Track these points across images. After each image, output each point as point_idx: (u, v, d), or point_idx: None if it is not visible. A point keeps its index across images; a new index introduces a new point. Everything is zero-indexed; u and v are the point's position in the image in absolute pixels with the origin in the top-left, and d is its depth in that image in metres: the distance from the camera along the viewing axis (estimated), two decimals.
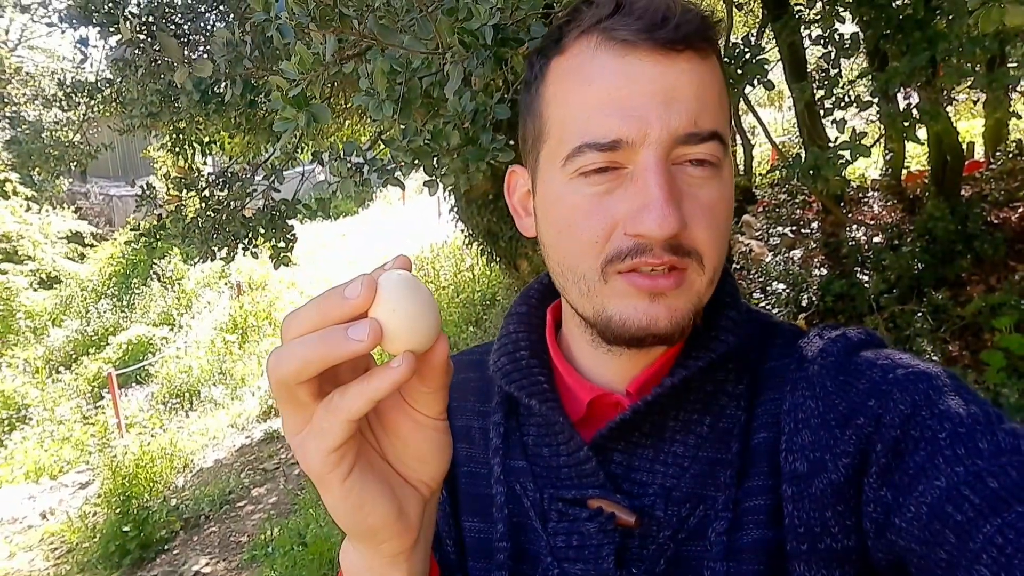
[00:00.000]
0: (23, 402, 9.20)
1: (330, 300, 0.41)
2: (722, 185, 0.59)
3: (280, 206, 2.84)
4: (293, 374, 0.41)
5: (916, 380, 0.55)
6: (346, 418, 0.41)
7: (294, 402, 0.43)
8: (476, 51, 1.34)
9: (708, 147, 0.57)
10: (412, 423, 0.47)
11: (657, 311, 0.57)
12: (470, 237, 6.58)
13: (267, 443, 7.49)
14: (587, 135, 0.57)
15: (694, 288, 0.59)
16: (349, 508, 0.45)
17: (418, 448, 0.48)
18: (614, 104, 0.56)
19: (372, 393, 0.41)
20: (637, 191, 0.56)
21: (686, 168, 0.58)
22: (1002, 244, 4.66)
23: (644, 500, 0.62)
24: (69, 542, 5.97)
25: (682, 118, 0.56)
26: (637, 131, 0.56)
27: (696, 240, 0.57)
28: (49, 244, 14.26)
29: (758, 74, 2.89)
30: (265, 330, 10.70)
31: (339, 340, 0.39)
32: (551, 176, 0.61)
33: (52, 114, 5.73)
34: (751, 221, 6.81)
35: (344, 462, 0.44)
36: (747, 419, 0.63)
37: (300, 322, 0.41)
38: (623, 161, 0.57)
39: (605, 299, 0.59)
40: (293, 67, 1.31)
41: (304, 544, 4.79)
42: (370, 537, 0.47)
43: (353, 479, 0.44)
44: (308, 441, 0.43)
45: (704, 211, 0.58)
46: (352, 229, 16.52)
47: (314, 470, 0.44)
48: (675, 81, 0.57)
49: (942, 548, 0.46)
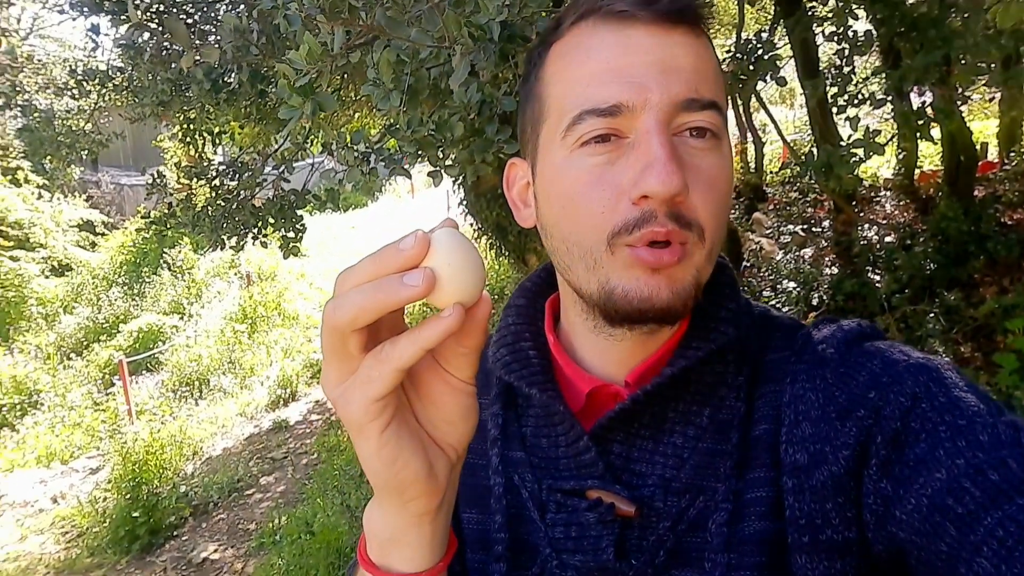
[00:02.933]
0: (35, 388, 9.28)
1: (386, 252, 0.43)
2: (722, 158, 0.59)
3: (290, 196, 2.85)
4: (349, 320, 0.42)
5: (916, 372, 0.56)
6: (396, 367, 0.43)
7: (343, 352, 0.44)
8: (483, 45, 1.34)
9: (708, 115, 0.58)
10: (444, 385, 0.48)
11: (659, 282, 0.57)
12: (479, 231, 6.59)
13: (275, 432, 7.53)
14: (587, 102, 0.58)
15: (694, 261, 0.58)
16: (384, 459, 0.46)
17: (448, 411, 0.49)
18: (613, 72, 0.57)
19: (424, 342, 0.42)
20: (640, 155, 0.56)
21: (686, 138, 0.58)
22: (1016, 245, 4.62)
23: (643, 491, 0.62)
24: (79, 526, 6.03)
25: (681, 85, 0.57)
26: (637, 96, 0.56)
27: (697, 211, 0.57)
28: (60, 232, 14.36)
29: (771, 70, 2.88)
30: (274, 320, 10.75)
31: (396, 286, 0.41)
32: (552, 153, 0.61)
33: (64, 102, 5.76)
34: (762, 219, 6.77)
35: (385, 413, 0.45)
36: (747, 410, 0.62)
37: (356, 274, 0.43)
38: (624, 129, 0.57)
39: (610, 271, 0.59)
40: (301, 57, 1.32)
41: (312, 533, 4.83)
42: (399, 493, 0.48)
43: (390, 431, 0.45)
44: (352, 390, 0.44)
45: (705, 181, 0.58)
46: (361, 221, 16.57)
47: (355, 419, 0.45)
48: (673, 51, 0.57)
49: (942, 540, 0.46)
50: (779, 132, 5.13)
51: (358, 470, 5.43)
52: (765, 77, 2.89)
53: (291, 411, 8.11)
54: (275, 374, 8.81)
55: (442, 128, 1.38)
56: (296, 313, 11.15)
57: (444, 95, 1.57)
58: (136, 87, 2.73)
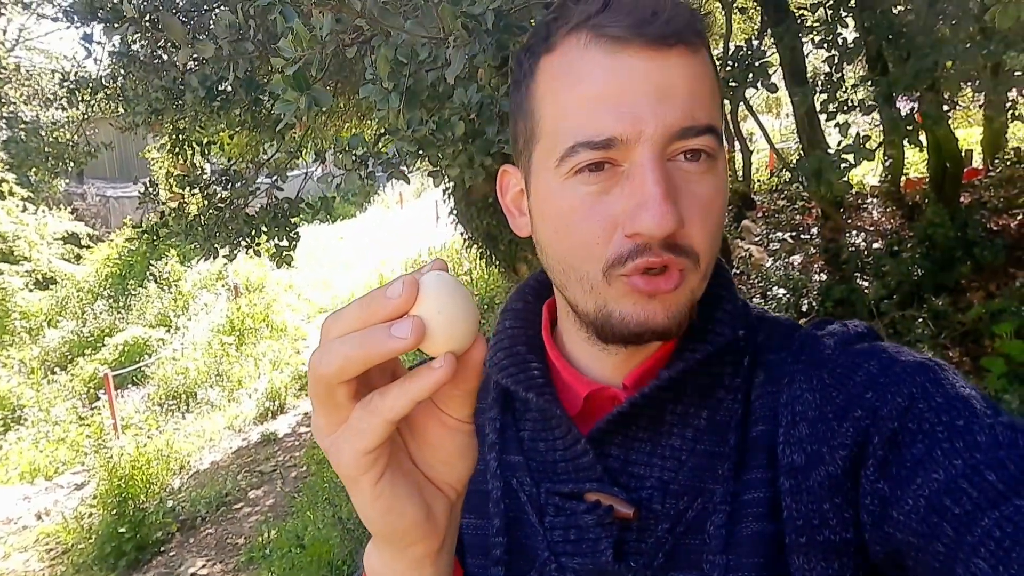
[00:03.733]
0: (18, 402, 9.16)
1: (373, 300, 0.41)
2: (717, 179, 0.59)
3: (283, 204, 2.83)
4: (335, 372, 0.40)
5: (914, 373, 0.55)
6: (386, 419, 0.41)
7: (331, 402, 0.42)
8: (479, 36, 1.34)
9: (703, 139, 0.57)
10: (441, 426, 0.47)
11: (655, 307, 0.57)
12: (469, 240, 6.58)
13: (264, 445, 7.47)
14: (580, 135, 0.56)
15: (689, 285, 0.58)
16: (379, 510, 0.45)
17: (446, 451, 0.48)
18: (607, 102, 0.56)
19: (414, 393, 0.40)
20: (634, 189, 0.55)
21: (680, 163, 0.57)
22: (1002, 251, 4.68)
23: (642, 493, 0.62)
24: (65, 543, 5.94)
25: (676, 113, 0.56)
26: (631, 128, 0.55)
27: (693, 239, 0.57)
28: (45, 245, 14.23)
29: (762, 77, 2.90)
30: (262, 332, 10.68)
31: (382, 338, 0.39)
32: (545, 177, 0.61)
33: (49, 114, 5.72)
34: (750, 226, 6.82)
35: (377, 464, 0.43)
36: (744, 412, 0.62)
37: (343, 321, 0.41)
38: (618, 159, 0.56)
39: (607, 298, 0.59)
40: (290, 44, 1.30)
41: (302, 546, 4.77)
42: (397, 540, 0.47)
43: (384, 482, 0.44)
44: (342, 442, 0.42)
45: (700, 207, 0.57)
46: (350, 232, 16.53)
47: (347, 471, 0.43)
48: (668, 77, 0.56)
49: (940, 541, 0.46)
50: (768, 139, 5.17)
51: None
52: (756, 84, 2.91)
53: (279, 424, 8.05)
54: (263, 386, 8.75)
55: (443, 127, 1.38)
56: (284, 325, 11.09)
57: (443, 97, 1.57)
58: (129, 96, 2.70)
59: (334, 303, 12.63)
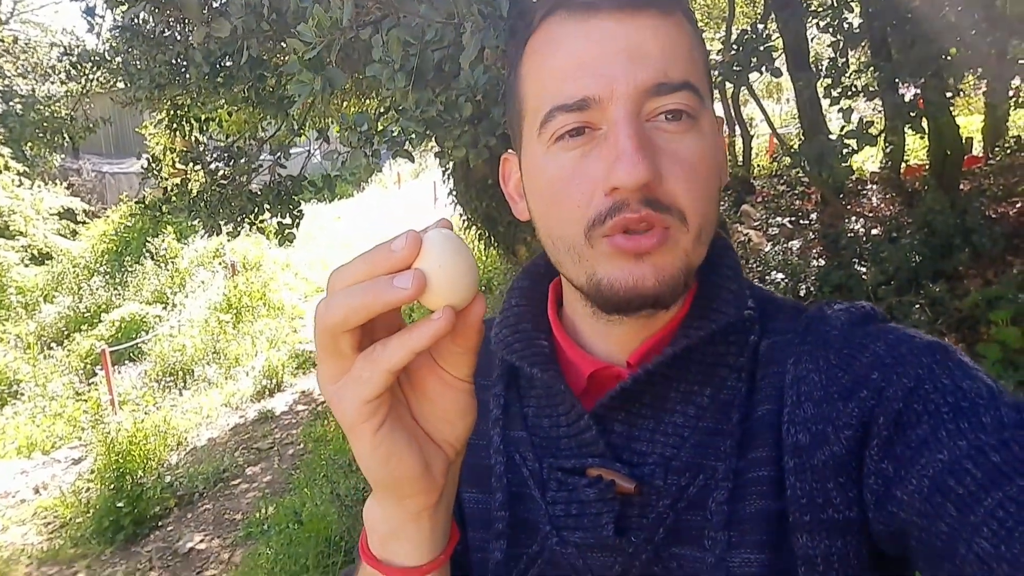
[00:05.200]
0: (15, 377, 9.16)
1: (377, 253, 0.42)
2: (701, 138, 0.59)
3: (286, 182, 2.81)
4: (340, 322, 0.42)
5: (920, 353, 0.56)
6: (386, 368, 0.42)
7: (335, 351, 0.43)
8: (493, 22, 1.34)
9: (681, 96, 0.57)
10: (441, 383, 0.48)
11: (643, 270, 0.57)
12: (468, 221, 6.56)
13: (261, 423, 7.49)
14: (556, 99, 0.58)
15: (680, 245, 0.58)
16: (378, 459, 0.46)
17: (445, 409, 0.49)
18: (580, 66, 0.57)
19: (413, 344, 0.42)
20: (609, 147, 0.56)
21: (660, 123, 0.57)
22: (1000, 238, 4.69)
23: (644, 469, 0.62)
24: (62, 517, 5.97)
25: (648, 71, 0.56)
26: (603, 87, 0.56)
27: (675, 195, 0.57)
28: (41, 220, 14.16)
29: (766, 62, 2.89)
30: (259, 310, 10.67)
31: (385, 288, 0.40)
32: (532, 149, 0.62)
33: (45, 88, 5.66)
34: (750, 211, 6.82)
35: (378, 413, 0.44)
36: (748, 391, 0.63)
37: (347, 274, 0.43)
38: (596, 121, 0.57)
39: (594, 263, 0.59)
40: (310, 29, 1.30)
41: (300, 522, 4.80)
42: (395, 490, 0.48)
43: (384, 431, 0.45)
44: (345, 390, 0.44)
45: (682, 165, 0.57)
46: (347, 212, 16.47)
47: (348, 419, 0.44)
48: (639, 36, 0.57)
49: (943, 521, 0.47)
50: (769, 124, 5.16)
51: (347, 459, 5.41)
52: (761, 69, 2.90)
53: (277, 401, 8.07)
54: (260, 364, 8.75)
55: (450, 109, 1.37)
56: (281, 303, 11.08)
57: (449, 77, 1.56)
58: (132, 71, 2.68)
59: None
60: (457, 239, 0.43)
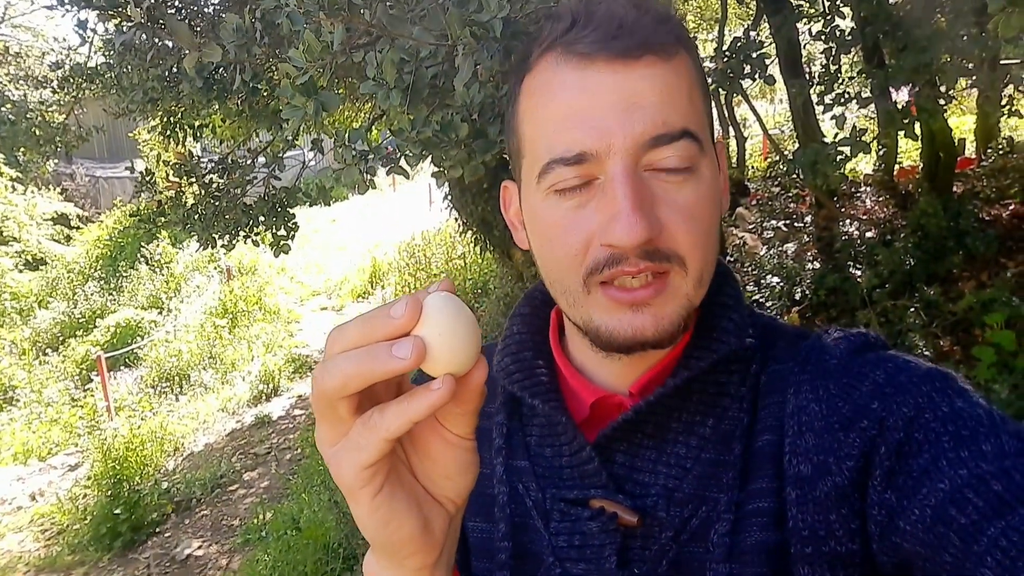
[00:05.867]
0: (10, 383, 9.13)
1: (376, 318, 0.42)
2: (700, 185, 0.59)
3: (280, 194, 2.81)
4: (337, 388, 0.41)
5: (919, 382, 0.56)
6: (383, 437, 0.42)
7: (333, 416, 0.43)
8: (486, 43, 1.34)
9: (679, 147, 0.57)
10: (442, 442, 0.48)
11: (643, 321, 0.58)
12: (464, 225, 6.55)
13: (258, 428, 7.48)
14: (554, 151, 0.58)
15: (680, 292, 0.58)
16: (377, 522, 0.46)
17: (446, 466, 0.48)
18: (576, 118, 0.57)
19: (411, 414, 0.41)
20: (607, 202, 0.56)
21: (660, 175, 0.57)
22: (993, 241, 4.70)
23: (646, 501, 0.62)
24: (59, 524, 5.95)
25: (646, 123, 0.56)
26: (600, 142, 0.56)
27: (676, 243, 0.57)
28: (35, 225, 14.11)
29: (759, 68, 2.89)
30: (255, 315, 10.64)
31: (383, 357, 0.40)
32: (530, 193, 0.62)
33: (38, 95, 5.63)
34: (744, 214, 6.83)
35: (376, 478, 0.44)
36: (750, 421, 0.62)
37: (346, 338, 0.42)
38: (594, 172, 0.57)
39: (591, 311, 0.59)
40: (301, 55, 1.31)
41: (298, 528, 4.80)
42: (395, 551, 0.48)
43: (383, 495, 0.45)
44: (343, 455, 0.44)
45: (682, 214, 0.57)
46: (342, 215, 16.45)
47: (346, 484, 0.44)
48: (635, 87, 0.56)
49: (946, 551, 0.47)
50: (763, 127, 5.17)
51: None
52: (754, 76, 2.91)
53: (273, 406, 8.05)
54: (257, 369, 8.74)
55: (447, 128, 1.38)
56: (277, 307, 11.06)
57: (444, 94, 1.57)
58: (124, 84, 2.67)
59: (327, 285, 12.60)
60: (458, 303, 0.43)
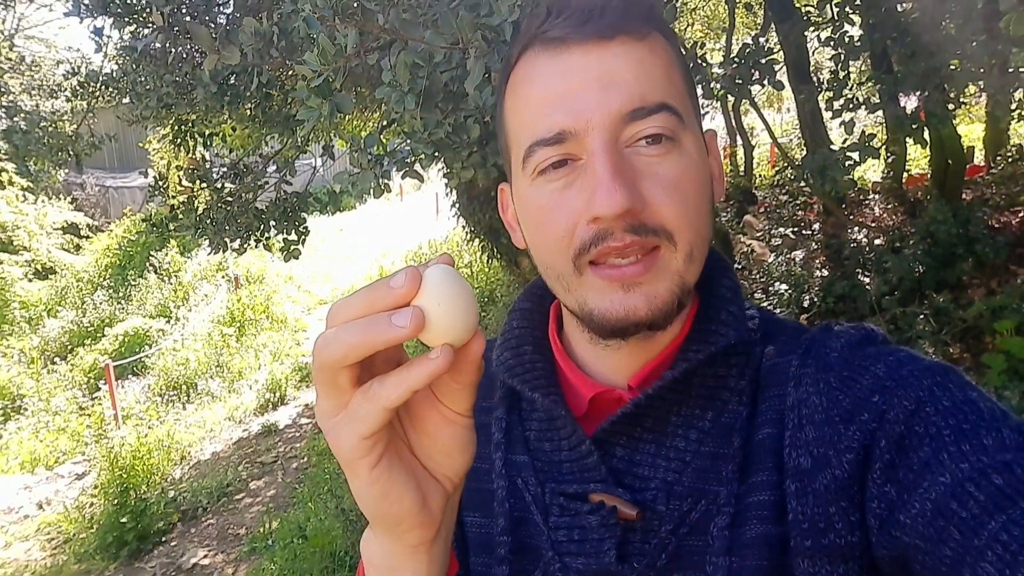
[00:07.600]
0: (18, 392, 9.17)
1: (376, 290, 0.42)
2: (684, 158, 0.59)
3: (292, 199, 2.83)
4: (338, 358, 0.42)
5: (920, 376, 0.55)
6: (383, 406, 0.42)
7: (334, 387, 0.44)
8: (497, 46, 1.35)
9: (659, 119, 0.58)
10: (440, 418, 0.48)
11: (634, 300, 0.58)
12: (471, 233, 6.58)
13: (264, 436, 7.49)
14: (535, 134, 0.59)
15: (671, 268, 0.58)
16: (375, 495, 0.46)
17: (444, 443, 0.49)
18: (554, 100, 0.58)
19: (410, 382, 0.42)
20: (588, 178, 0.57)
21: (640, 148, 0.58)
22: (1003, 248, 4.68)
23: (646, 494, 0.62)
24: (66, 532, 5.96)
25: (623, 98, 0.57)
26: (578, 120, 0.57)
27: (661, 216, 0.57)
28: (45, 235, 14.23)
29: (768, 74, 2.90)
30: (262, 323, 10.68)
31: (384, 326, 0.40)
32: (520, 183, 0.63)
33: (49, 104, 5.69)
34: (752, 221, 6.83)
35: (375, 449, 0.44)
36: (750, 414, 0.62)
37: (347, 309, 0.43)
38: (576, 152, 0.58)
39: (584, 293, 0.60)
40: (315, 58, 1.32)
41: (305, 537, 4.79)
42: (393, 526, 0.48)
43: (381, 467, 0.45)
44: (342, 426, 0.44)
45: (666, 186, 0.58)
46: (349, 224, 16.52)
47: (345, 454, 0.45)
48: (610, 66, 0.58)
49: (947, 545, 0.46)
50: (771, 134, 5.18)
51: None
52: (762, 82, 2.91)
53: (280, 415, 8.07)
54: (264, 378, 8.76)
55: (459, 131, 1.39)
56: (284, 316, 11.10)
57: (457, 98, 1.58)
58: (139, 91, 2.70)
59: (334, 295, 12.64)
60: (457, 276, 0.43)
